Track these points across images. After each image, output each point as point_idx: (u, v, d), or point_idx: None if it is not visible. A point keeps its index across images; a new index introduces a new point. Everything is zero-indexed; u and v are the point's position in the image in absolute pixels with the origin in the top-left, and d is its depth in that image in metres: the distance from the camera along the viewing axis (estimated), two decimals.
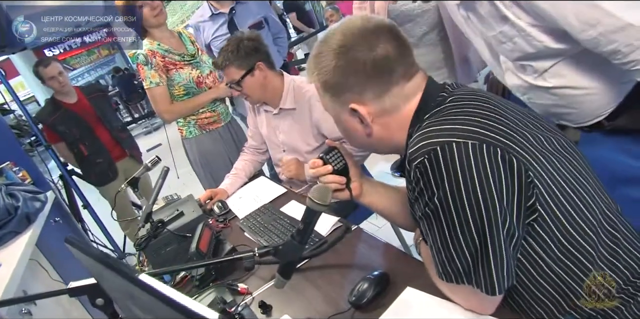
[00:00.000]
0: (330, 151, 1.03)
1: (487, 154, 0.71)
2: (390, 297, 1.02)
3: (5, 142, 2.26)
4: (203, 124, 2.32)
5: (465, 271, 0.76)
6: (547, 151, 0.77)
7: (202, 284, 1.34)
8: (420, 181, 0.75)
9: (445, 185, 0.71)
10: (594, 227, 0.78)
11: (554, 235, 0.76)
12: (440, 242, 0.76)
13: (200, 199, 1.83)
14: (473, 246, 0.73)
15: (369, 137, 0.89)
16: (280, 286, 1.03)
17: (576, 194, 0.77)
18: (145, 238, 1.45)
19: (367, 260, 1.17)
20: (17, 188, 1.89)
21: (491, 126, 0.75)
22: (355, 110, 0.84)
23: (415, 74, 0.86)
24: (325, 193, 0.96)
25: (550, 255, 0.77)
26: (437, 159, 0.72)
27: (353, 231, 1.32)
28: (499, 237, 0.72)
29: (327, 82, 0.85)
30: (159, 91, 2.18)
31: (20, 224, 1.76)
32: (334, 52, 0.82)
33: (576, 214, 0.76)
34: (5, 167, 2.14)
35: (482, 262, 0.73)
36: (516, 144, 0.74)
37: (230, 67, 1.71)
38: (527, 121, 0.82)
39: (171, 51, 2.19)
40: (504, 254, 0.73)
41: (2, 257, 1.58)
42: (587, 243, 0.77)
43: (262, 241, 1.46)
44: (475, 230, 0.72)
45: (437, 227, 0.76)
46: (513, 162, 0.72)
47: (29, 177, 2.24)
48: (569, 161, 0.80)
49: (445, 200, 0.72)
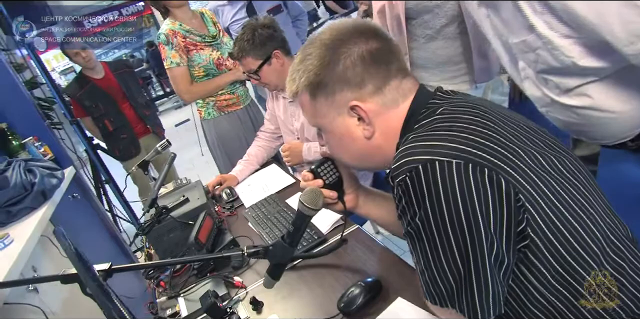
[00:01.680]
0: (323, 163, 0.98)
1: (472, 175, 0.65)
2: (380, 306, 0.98)
3: (30, 118, 2.30)
4: (222, 106, 2.30)
5: (449, 294, 0.71)
6: (545, 172, 0.70)
7: (200, 274, 1.34)
8: (402, 199, 0.69)
9: (427, 205, 0.66)
10: (595, 256, 0.71)
11: (548, 263, 0.70)
12: (423, 263, 0.71)
13: (209, 184, 1.83)
14: (456, 270, 0.68)
15: (368, 142, 0.82)
16: (269, 286, 1.01)
17: (576, 219, 0.70)
18: (149, 223, 1.46)
19: (362, 264, 1.14)
20: (36, 164, 1.94)
21: (480, 144, 0.68)
22: (356, 107, 0.78)
23: (409, 75, 0.82)
24: (316, 197, 0.92)
25: (545, 284, 0.71)
26: (418, 178, 0.66)
27: (353, 231, 1.29)
28: (484, 263, 0.66)
29: (319, 83, 0.79)
30: (179, 72, 2.18)
31: (36, 201, 1.80)
32: (326, 47, 0.78)
33: (575, 241, 0.69)
34: (28, 142, 2.20)
35: (466, 287, 0.68)
36: (507, 164, 0.67)
37: (247, 58, 1.68)
38: (528, 138, 0.74)
39: (192, 32, 2.17)
40: (489, 281, 0.67)
41: (16, 233, 1.62)
42: (587, 272, 0.70)
43: (263, 233, 1.44)
44: (458, 254, 0.67)
45: (419, 248, 0.71)
46: (502, 184, 0.65)
47: (50, 153, 2.28)
48: (570, 182, 0.72)
49: (427, 221, 0.67)
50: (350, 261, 1.17)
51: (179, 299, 1.27)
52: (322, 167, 0.98)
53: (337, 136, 0.84)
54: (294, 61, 0.83)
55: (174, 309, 1.25)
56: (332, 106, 0.81)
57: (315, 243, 1.28)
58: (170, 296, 1.30)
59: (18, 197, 1.74)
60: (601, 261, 0.71)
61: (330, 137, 0.86)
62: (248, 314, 1.12)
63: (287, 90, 0.86)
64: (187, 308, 1.22)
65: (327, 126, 0.84)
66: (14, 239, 1.57)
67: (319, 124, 0.85)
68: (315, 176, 0.98)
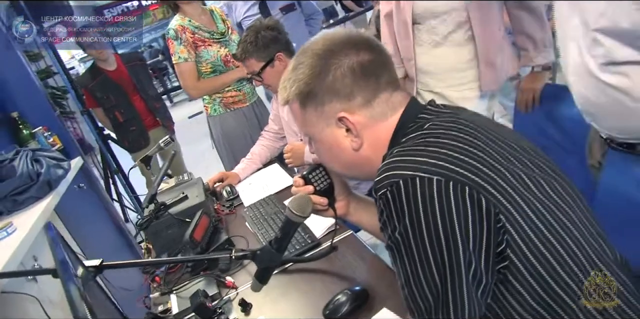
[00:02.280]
0: (315, 169, 0.97)
1: (453, 192, 0.64)
2: (365, 315, 0.98)
3: (41, 107, 2.34)
4: (228, 102, 2.32)
5: (427, 310, 0.70)
6: (530, 193, 0.69)
7: (193, 272, 1.35)
8: (383, 213, 0.69)
9: (406, 221, 0.66)
10: (579, 281, 0.70)
11: (529, 285, 0.69)
12: (403, 278, 0.71)
13: (209, 181, 1.85)
14: (434, 287, 0.68)
15: (356, 153, 0.82)
16: (256, 290, 1.02)
17: (560, 242, 0.69)
18: (147, 219, 1.48)
19: (352, 271, 1.14)
20: (43, 154, 1.97)
21: (463, 162, 0.67)
22: (344, 118, 0.78)
23: (399, 89, 0.81)
24: (304, 204, 0.92)
25: (525, 306, 0.70)
26: (399, 193, 0.66)
27: (347, 237, 1.29)
28: (460, 281, 0.66)
29: (308, 93, 0.79)
30: (187, 67, 2.19)
31: (41, 190, 1.84)
32: (317, 57, 0.78)
33: (558, 264, 0.68)
34: (37, 132, 2.23)
35: (443, 304, 0.68)
36: (489, 183, 0.66)
37: (250, 59, 1.69)
38: (516, 157, 0.73)
39: (201, 28, 2.18)
40: (465, 299, 0.67)
41: (20, 222, 1.65)
42: (569, 296, 0.69)
43: (258, 234, 1.45)
44: (436, 271, 0.66)
45: (399, 263, 0.71)
46: (482, 203, 0.64)
47: (59, 143, 2.32)
48: (557, 205, 0.71)
49: (406, 236, 0.67)
50: (340, 267, 1.17)
51: (171, 296, 1.29)
52: (313, 174, 0.98)
53: (326, 145, 0.84)
54: (286, 69, 0.83)
55: (166, 306, 1.27)
56: (321, 116, 0.81)
57: (308, 246, 1.29)
58: (163, 292, 1.31)
59: (24, 187, 1.77)
60: (584, 286, 0.70)
61: (319, 146, 0.87)
62: (236, 316, 1.13)
63: (279, 97, 0.86)
64: (178, 305, 1.23)
65: (316, 135, 0.84)
66: (17, 228, 1.60)
67: (308, 132, 0.85)
68: (307, 182, 0.98)
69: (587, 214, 0.75)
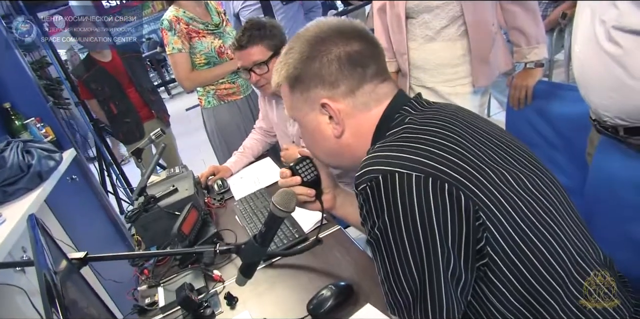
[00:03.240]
0: (302, 161, 0.98)
1: (432, 188, 0.64)
2: (349, 310, 0.99)
3: (34, 98, 2.33)
4: (222, 95, 2.30)
5: (406, 306, 0.70)
6: (511, 190, 0.69)
7: (182, 265, 1.35)
8: (363, 208, 0.69)
9: (385, 217, 0.66)
10: (560, 279, 0.69)
11: (509, 283, 0.68)
12: (383, 273, 0.71)
13: (201, 175, 1.84)
14: (412, 282, 0.68)
15: (337, 140, 0.82)
16: (241, 284, 1.02)
17: (540, 239, 0.68)
18: (137, 212, 1.47)
19: (337, 266, 1.14)
20: (34, 146, 1.96)
21: (442, 158, 0.67)
22: (326, 105, 0.79)
23: (388, 80, 0.81)
24: (288, 199, 0.92)
25: (505, 304, 0.70)
26: (378, 188, 0.66)
27: (335, 232, 1.29)
28: (438, 277, 0.66)
29: (296, 77, 0.80)
30: (180, 58, 2.18)
31: (32, 182, 1.83)
32: (308, 43, 0.78)
33: (539, 262, 0.68)
34: (30, 123, 2.22)
35: (421, 300, 0.68)
36: (469, 180, 0.66)
37: (259, 46, 1.60)
38: (498, 154, 0.72)
39: (195, 19, 2.16)
40: (442, 295, 0.67)
41: (9, 213, 1.65)
42: (551, 296, 0.69)
43: (247, 228, 1.45)
44: (414, 266, 0.66)
45: (379, 258, 0.70)
46: (461, 199, 0.64)
47: (52, 134, 2.31)
48: (539, 202, 0.71)
49: (385, 232, 0.67)
50: (326, 262, 1.17)
51: (158, 288, 1.29)
52: (300, 165, 0.98)
53: (309, 131, 0.85)
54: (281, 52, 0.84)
55: (153, 299, 1.27)
56: (306, 102, 0.81)
57: (296, 241, 1.28)
58: (150, 285, 1.32)
59: (14, 178, 1.77)
60: (566, 285, 0.70)
61: (304, 132, 0.88)
62: (222, 309, 1.14)
63: (272, 82, 0.87)
64: (164, 298, 1.23)
65: (301, 120, 0.85)
66: (6, 219, 1.59)
67: (294, 116, 0.86)
68: (294, 173, 0.98)
69: (570, 212, 0.75)
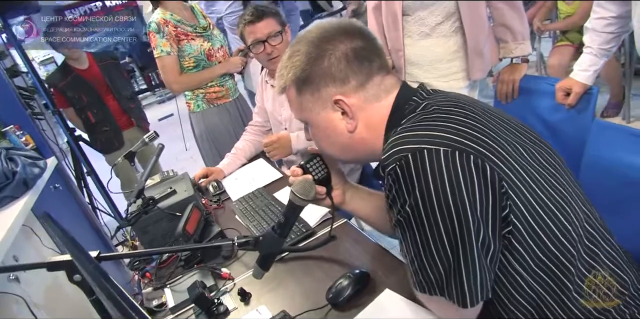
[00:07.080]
0: (312, 159, 1.00)
1: (459, 161, 0.68)
2: (368, 297, 1.00)
3: (11, 106, 2.25)
4: (211, 98, 2.29)
5: (438, 283, 0.73)
6: (525, 162, 0.74)
7: (187, 265, 1.34)
8: (392, 188, 0.72)
9: (416, 192, 0.69)
10: (574, 242, 0.74)
11: (530, 249, 0.73)
12: (413, 252, 0.73)
13: (195, 176, 1.82)
14: (445, 257, 0.70)
15: (351, 135, 0.85)
16: (258, 277, 1.02)
17: (555, 206, 0.73)
18: (136, 214, 1.45)
19: (350, 257, 1.15)
20: (17, 153, 1.89)
21: (466, 133, 0.71)
22: (339, 101, 0.82)
23: (391, 73, 0.86)
24: (308, 187, 0.94)
25: (528, 270, 0.74)
26: (408, 166, 0.69)
27: (341, 225, 1.30)
28: (471, 249, 0.69)
29: (305, 78, 0.82)
30: (169, 61, 2.15)
31: (17, 190, 1.77)
32: (313, 43, 0.82)
33: (556, 227, 0.73)
34: (8, 131, 2.14)
35: (454, 273, 0.71)
36: (492, 152, 0.70)
37: (270, 19, 1.71)
38: (509, 130, 0.78)
39: (183, 22, 2.15)
40: (477, 266, 0.70)
41: None
42: (566, 259, 0.74)
43: (250, 226, 1.44)
44: (447, 240, 0.69)
45: (409, 236, 0.73)
46: (487, 170, 0.68)
47: (32, 142, 2.23)
48: (549, 172, 0.76)
49: (416, 208, 0.69)
50: (337, 254, 1.18)
51: (165, 290, 1.27)
52: (311, 163, 1.00)
53: (322, 129, 0.87)
54: (282, 57, 0.87)
55: (160, 300, 1.25)
56: (317, 101, 0.84)
57: (303, 235, 1.29)
58: (156, 287, 1.29)
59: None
60: (578, 248, 0.75)
61: (315, 131, 0.90)
62: (236, 305, 1.13)
63: (276, 85, 0.89)
64: (174, 298, 1.21)
65: (312, 120, 0.87)
66: None
67: (304, 118, 0.89)
68: (305, 172, 1.00)
69: (573, 181, 0.81)
